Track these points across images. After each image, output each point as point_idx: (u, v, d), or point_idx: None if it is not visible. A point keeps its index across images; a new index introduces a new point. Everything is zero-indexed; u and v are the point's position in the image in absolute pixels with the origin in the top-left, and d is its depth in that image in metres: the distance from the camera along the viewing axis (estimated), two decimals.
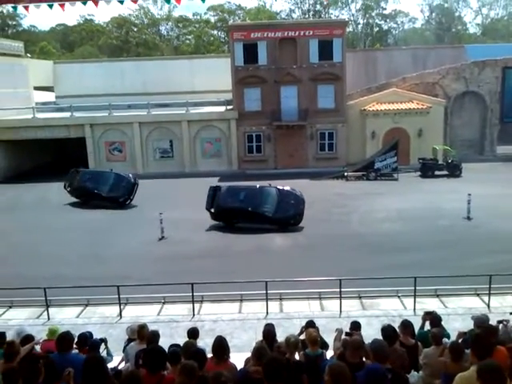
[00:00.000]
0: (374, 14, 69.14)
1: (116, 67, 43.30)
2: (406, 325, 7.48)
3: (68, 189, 28.39)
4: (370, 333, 8.56)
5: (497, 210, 23.14)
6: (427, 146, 34.61)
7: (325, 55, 36.05)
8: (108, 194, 27.07)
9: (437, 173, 32.34)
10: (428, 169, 32.57)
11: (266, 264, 17.61)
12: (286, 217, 22.29)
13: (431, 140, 35.12)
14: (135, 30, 65.61)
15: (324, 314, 13.66)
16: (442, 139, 36.68)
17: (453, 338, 7.33)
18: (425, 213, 23.49)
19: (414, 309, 13.45)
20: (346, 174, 32.60)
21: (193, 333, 7.78)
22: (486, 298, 13.95)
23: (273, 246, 20.44)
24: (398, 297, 14.50)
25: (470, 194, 22.61)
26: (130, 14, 65.25)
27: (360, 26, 69.85)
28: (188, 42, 69.16)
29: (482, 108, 38.77)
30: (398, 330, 7.04)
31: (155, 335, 6.98)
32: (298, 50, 35.97)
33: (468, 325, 8.62)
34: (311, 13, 68.46)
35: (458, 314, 12.91)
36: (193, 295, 13.91)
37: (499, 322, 8.84)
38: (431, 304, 13.68)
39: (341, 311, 13.75)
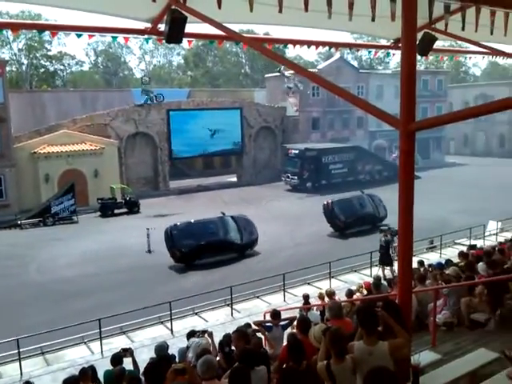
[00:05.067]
0: (38, 55, 66.44)
1: None
2: (83, 371, 7.21)
3: (177, 254, 21.56)
4: None
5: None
6: (105, 185, 34.94)
7: None
8: (242, 241, 23.12)
9: (116, 211, 32.88)
10: (107, 208, 32.82)
11: None
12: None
13: (108, 180, 35.64)
14: None
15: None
16: (118, 178, 37.71)
17: None
18: (109, 252, 23.41)
19: (101, 351, 13.06)
20: (19, 222, 29.93)
21: None
22: (169, 324, 14.65)
23: None
24: (85, 343, 13.86)
25: (148, 229, 23.68)
26: None
27: (24, 66, 66.07)
28: None
29: (153, 147, 41.73)
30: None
31: None
32: None
33: (153, 354, 8.77)
34: None
35: (145, 345, 13.09)
36: None
37: None
38: (118, 342, 13.55)
39: (21, 374, 12.30)
